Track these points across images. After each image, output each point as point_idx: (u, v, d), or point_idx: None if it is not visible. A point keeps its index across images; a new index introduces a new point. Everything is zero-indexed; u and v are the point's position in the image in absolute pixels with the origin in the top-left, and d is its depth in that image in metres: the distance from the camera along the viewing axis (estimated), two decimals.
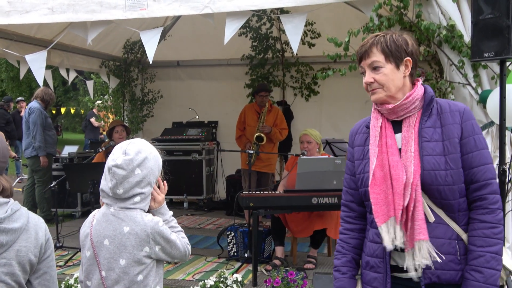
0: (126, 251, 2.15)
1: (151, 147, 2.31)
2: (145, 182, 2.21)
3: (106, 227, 2.19)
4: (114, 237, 2.17)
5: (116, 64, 9.13)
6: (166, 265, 5.58)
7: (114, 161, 2.20)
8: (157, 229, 2.19)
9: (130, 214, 2.18)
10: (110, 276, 2.17)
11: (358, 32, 4.26)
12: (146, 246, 2.16)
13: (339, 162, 5.01)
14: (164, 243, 2.21)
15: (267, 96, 7.25)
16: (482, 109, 4.02)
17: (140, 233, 2.16)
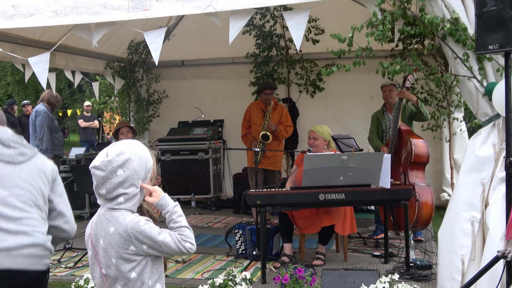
0: (113, 250, 2.20)
1: (139, 148, 2.30)
2: (128, 182, 2.23)
3: (99, 227, 2.26)
4: (105, 237, 2.23)
5: (121, 65, 9.15)
6: (174, 265, 5.60)
7: (93, 162, 2.24)
8: (138, 229, 2.20)
9: (114, 215, 2.23)
10: (109, 274, 2.24)
11: (361, 27, 4.24)
12: (131, 245, 2.20)
13: (345, 158, 5.01)
14: (149, 242, 2.21)
15: (272, 94, 7.24)
16: (488, 101, 4.00)
17: (122, 233, 2.20)
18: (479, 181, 3.91)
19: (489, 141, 3.94)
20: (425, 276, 4.91)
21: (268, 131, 6.98)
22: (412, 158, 5.89)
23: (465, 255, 3.90)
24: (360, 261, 5.59)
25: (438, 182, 8.12)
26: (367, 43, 4.24)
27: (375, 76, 5.62)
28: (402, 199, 5.21)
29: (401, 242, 5.90)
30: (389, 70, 4.35)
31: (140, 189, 2.28)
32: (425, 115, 6.24)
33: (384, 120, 6.54)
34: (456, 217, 4.03)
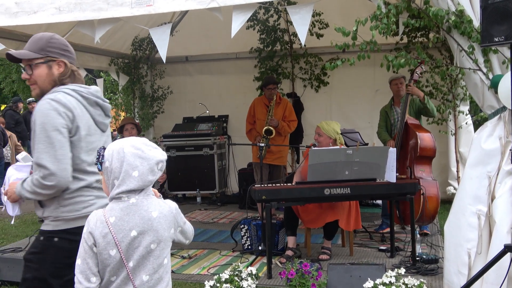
0: (157, 235, 2.23)
1: None
2: None
3: (128, 219, 2.20)
4: (142, 225, 2.21)
5: (125, 61, 9.15)
6: (180, 260, 5.60)
7: (163, 155, 2.32)
8: (178, 210, 2.35)
9: (152, 201, 2.27)
10: (138, 264, 2.21)
11: (365, 21, 4.22)
12: (172, 228, 2.30)
13: (351, 152, 4.99)
14: (182, 223, 2.36)
15: (276, 89, 7.24)
16: (494, 94, 3.97)
17: (168, 214, 2.28)
18: (485, 174, 3.89)
19: (495, 134, 3.92)
20: (431, 270, 4.89)
21: (271, 126, 6.98)
22: (418, 152, 5.87)
23: (472, 248, 3.88)
24: (366, 256, 5.58)
25: (444, 176, 8.10)
26: (372, 36, 4.22)
27: (379, 70, 5.60)
28: (407, 193, 5.19)
29: (407, 236, 5.88)
30: (394, 63, 4.33)
31: None
32: (431, 111, 6.22)
33: (392, 114, 6.53)
34: (463, 211, 4.02)
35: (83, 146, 2.69)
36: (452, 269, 4.09)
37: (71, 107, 2.63)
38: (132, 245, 2.20)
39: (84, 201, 2.69)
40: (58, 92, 2.65)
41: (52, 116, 2.55)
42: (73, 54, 2.80)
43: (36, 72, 2.71)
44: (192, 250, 5.99)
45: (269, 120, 7.05)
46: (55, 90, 2.67)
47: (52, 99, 2.60)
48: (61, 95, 2.63)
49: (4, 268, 5.03)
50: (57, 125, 2.56)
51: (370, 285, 4.12)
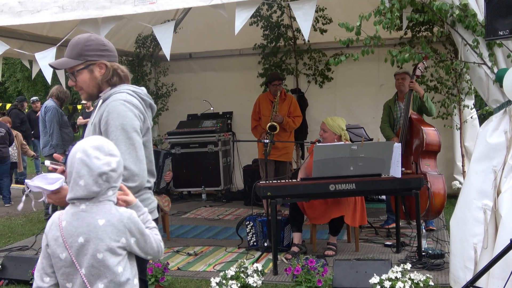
0: (103, 243, 2.13)
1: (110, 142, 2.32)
2: (119, 178, 2.23)
3: (77, 225, 2.15)
4: (89, 232, 2.13)
5: (129, 59, 9.16)
6: (186, 257, 5.62)
7: (109, 165, 2.16)
8: (133, 219, 2.19)
9: (103, 207, 2.17)
10: (91, 272, 2.14)
11: (369, 15, 4.21)
12: (122, 237, 2.16)
13: (355, 148, 4.98)
14: (139, 235, 2.20)
15: (280, 85, 7.23)
16: (499, 88, 3.96)
17: (117, 223, 2.15)
18: (490, 168, 3.88)
19: (501, 128, 3.91)
20: (437, 265, 4.89)
21: (275, 122, 6.98)
22: (424, 146, 5.86)
23: (478, 243, 3.88)
24: (371, 251, 5.58)
25: (449, 170, 8.07)
26: (375, 31, 4.20)
27: (384, 65, 5.58)
28: (413, 188, 5.18)
29: (412, 231, 5.87)
30: (398, 58, 4.31)
31: None
32: (429, 110, 6.20)
33: (396, 109, 6.51)
34: (468, 205, 4.01)
35: (149, 147, 2.77)
36: (458, 263, 4.08)
37: (142, 109, 2.68)
38: (81, 251, 2.14)
39: (149, 197, 2.77)
40: (122, 93, 2.65)
41: (130, 117, 2.57)
42: (112, 52, 2.78)
43: (80, 78, 2.71)
44: (198, 247, 6.00)
45: (274, 116, 7.04)
46: (116, 91, 2.66)
47: (125, 100, 2.60)
48: (129, 97, 2.64)
49: (11, 267, 5.06)
50: (136, 126, 2.59)
51: (376, 280, 4.13)
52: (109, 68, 2.71)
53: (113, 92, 2.66)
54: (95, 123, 2.65)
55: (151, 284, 4.50)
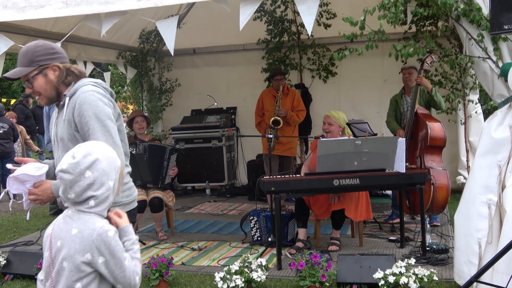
0: (69, 254, 2.06)
1: (106, 149, 2.20)
2: (98, 184, 2.10)
3: (61, 228, 2.14)
4: (64, 238, 2.09)
5: (133, 54, 9.16)
6: (190, 252, 5.63)
7: (60, 165, 2.12)
8: (104, 238, 2.05)
9: (83, 217, 2.10)
10: (56, 278, 2.10)
11: (373, 10, 4.19)
12: (88, 253, 2.04)
13: (359, 143, 4.97)
14: (108, 256, 2.05)
15: (283, 80, 7.23)
16: (504, 82, 3.94)
17: (86, 237, 2.05)
18: (495, 163, 3.86)
19: (505, 123, 3.89)
20: (441, 260, 4.88)
21: (279, 116, 6.98)
22: (428, 141, 5.84)
23: (482, 238, 3.87)
24: (376, 246, 5.57)
25: (454, 165, 8.06)
26: (380, 26, 4.19)
27: (388, 60, 5.56)
28: (417, 183, 5.17)
29: (417, 226, 5.87)
30: (402, 53, 4.29)
31: (110, 192, 2.15)
32: (438, 103, 6.18)
33: (402, 103, 6.49)
34: (473, 200, 4.00)
35: (123, 131, 2.88)
36: (462, 258, 4.08)
37: (109, 96, 2.79)
38: (56, 254, 2.12)
39: (133, 185, 2.94)
40: (87, 85, 2.75)
41: (101, 106, 2.68)
42: (62, 53, 2.85)
43: (36, 84, 2.79)
44: (202, 242, 6.01)
45: (277, 110, 7.04)
46: (80, 85, 2.75)
47: (94, 91, 2.71)
48: (95, 87, 2.74)
49: (16, 261, 5.08)
50: (108, 113, 2.69)
51: (380, 275, 4.12)
52: (62, 69, 2.79)
53: (78, 86, 2.75)
54: (69, 119, 2.72)
55: (155, 279, 4.51)
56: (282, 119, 7.00)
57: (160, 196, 6.11)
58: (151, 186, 6.20)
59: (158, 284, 4.54)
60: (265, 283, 4.50)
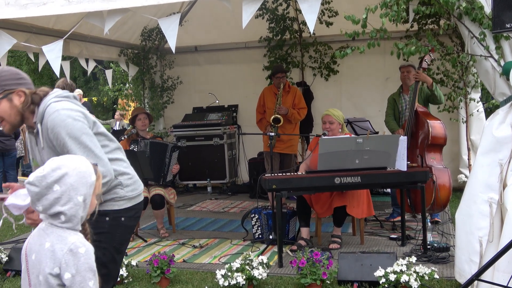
0: (41, 268, 2.05)
1: (79, 163, 2.13)
2: (65, 199, 2.05)
3: (35, 241, 2.12)
4: (38, 252, 2.08)
5: (135, 52, 9.16)
6: (192, 249, 5.64)
7: (28, 178, 2.09)
8: (75, 254, 2.01)
9: (56, 231, 2.07)
10: None
11: (375, 8, 4.18)
12: (56, 267, 2.01)
13: (361, 141, 4.97)
14: (75, 271, 2.00)
15: (284, 77, 7.23)
16: (506, 81, 3.94)
17: (57, 251, 2.02)
18: (496, 162, 3.86)
19: (507, 121, 3.89)
20: (442, 258, 4.89)
21: (279, 114, 6.99)
22: (429, 140, 5.84)
23: (483, 236, 3.87)
24: (377, 244, 5.58)
25: (455, 164, 8.05)
26: (382, 24, 4.18)
27: (390, 58, 5.56)
28: (418, 181, 5.18)
29: (418, 225, 5.87)
30: (404, 51, 4.29)
31: (82, 206, 2.09)
32: (439, 98, 6.18)
33: (401, 102, 6.49)
34: (474, 199, 4.00)
35: (104, 134, 2.86)
36: (463, 257, 4.08)
37: (76, 106, 2.72)
38: (32, 267, 2.10)
39: (138, 179, 2.98)
40: (50, 105, 2.65)
41: (71, 123, 2.62)
42: (27, 80, 2.79)
43: (0, 109, 2.71)
44: (203, 239, 6.02)
45: (277, 108, 7.05)
46: (45, 108, 2.66)
47: (58, 109, 2.64)
48: (59, 104, 2.66)
49: (18, 258, 5.09)
50: (80, 128, 2.64)
51: (381, 273, 4.13)
52: (28, 95, 2.72)
53: (43, 110, 2.68)
54: (48, 144, 2.69)
55: (156, 276, 4.53)
56: (282, 117, 7.00)
57: (161, 193, 6.12)
58: (152, 183, 6.21)
59: (160, 281, 4.55)
60: (266, 281, 4.51)
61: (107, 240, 2.82)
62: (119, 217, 2.85)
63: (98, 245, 2.80)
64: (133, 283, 4.68)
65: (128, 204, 2.89)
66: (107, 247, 2.83)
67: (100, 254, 2.81)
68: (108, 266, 2.88)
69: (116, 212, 2.84)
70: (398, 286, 4.12)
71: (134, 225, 3.01)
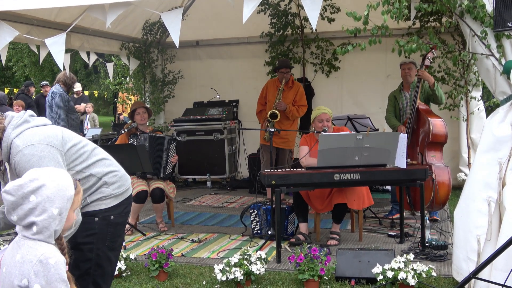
0: (11, 280, 2.00)
1: (57, 176, 2.12)
2: (39, 209, 2.02)
3: (8, 254, 2.09)
4: (8, 265, 2.04)
5: (136, 45, 9.15)
6: (190, 244, 5.65)
7: (5, 187, 2.07)
8: (45, 264, 1.97)
9: (28, 243, 2.04)
10: None
11: (377, 5, 4.18)
12: (25, 278, 1.96)
13: (361, 138, 4.98)
14: (44, 284, 1.96)
15: (288, 73, 7.23)
16: (506, 80, 3.93)
17: (26, 262, 1.98)
18: (496, 160, 3.86)
19: (507, 120, 3.89)
20: (440, 256, 4.90)
21: (278, 109, 7.01)
22: (430, 138, 5.84)
23: (481, 235, 3.88)
24: (375, 241, 5.59)
25: (455, 162, 8.06)
26: (383, 21, 4.18)
27: (391, 55, 5.55)
28: (418, 179, 5.18)
29: (416, 222, 5.88)
30: (405, 48, 4.29)
31: (57, 219, 2.06)
32: (439, 98, 6.17)
33: (401, 99, 6.48)
34: (473, 197, 4.01)
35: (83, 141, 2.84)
36: (461, 255, 4.09)
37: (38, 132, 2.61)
38: (2, 280, 2.06)
39: (125, 174, 2.96)
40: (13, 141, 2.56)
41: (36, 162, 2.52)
42: None
43: None
44: (202, 234, 6.03)
45: (277, 103, 7.07)
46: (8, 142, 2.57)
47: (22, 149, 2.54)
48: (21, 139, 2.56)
49: None
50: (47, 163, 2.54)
51: (378, 270, 4.14)
52: None
53: (6, 149, 2.59)
54: None
55: (155, 270, 4.54)
56: (280, 112, 7.02)
57: (161, 187, 6.13)
58: (151, 177, 6.22)
59: (158, 275, 4.56)
60: (264, 276, 4.52)
61: (99, 241, 2.82)
62: (108, 216, 2.84)
63: (90, 247, 2.78)
64: (131, 276, 4.70)
65: (116, 201, 2.88)
66: (100, 247, 2.83)
67: (94, 255, 2.81)
68: (103, 265, 2.88)
69: (104, 211, 2.83)
70: (395, 283, 4.13)
71: (125, 220, 3.00)
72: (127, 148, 5.79)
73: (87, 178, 2.78)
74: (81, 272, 2.78)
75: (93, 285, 2.87)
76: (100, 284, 2.91)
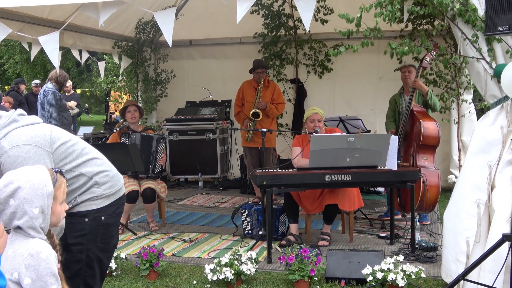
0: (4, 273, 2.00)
1: (32, 175, 2.10)
2: (20, 212, 2.04)
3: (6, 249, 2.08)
4: (4, 260, 2.04)
5: (129, 44, 9.13)
6: (181, 244, 5.65)
7: None
8: (36, 258, 1.99)
9: (20, 238, 2.07)
10: None
11: (370, 7, 4.20)
12: (16, 272, 1.98)
13: (352, 139, 4.99)
14: (35, 278, 1.96)
15: (264, 73, 7.28)
16: (497, 83, 3.96)
17: (18, 256, 2.00)
18: (486, 163, 3.90)
19: (497, 124, 3.92)
20: (430, 258, 4.92)
21: (258, 108, 7.05)
22: (421, 140, 5.86)
23: (470, 237, 3.91)
24: (365, 242, 5.61)
25: (446, 164, 8.10)
26: (376, 23, 4.20)
27: (383, 57, 5.57)
28: (408, 181, 5.21)
29: (407, 224, 5.91)
30: (397, 51, 4.31)
31: (40, 217, 2.07)
32: (433, 106, 6.23)
33: (401, 102, 6.51)
34: (462, 199, 4.03)
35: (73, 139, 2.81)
36: (450, 256, 4.12)
37: (24, 133, 2.60)
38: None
39: (117, 174, 2.93)
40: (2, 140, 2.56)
41: (20, 163, 2.50)
42: None
43: None
44: (193, 233, 6.03)
45: (257, 103, 7.12)
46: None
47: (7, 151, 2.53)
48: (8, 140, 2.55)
49: None
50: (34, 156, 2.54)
51: (368, 271, 4.16)
52: None
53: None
54: None
55: (145, 269, 4.53)
56: (261, 111, 7.07)
57: (153, 187, 6.12)
58: (142, 176, 6.21)
59: (148, 274, 4.56)
60: (254, 276, 4.53)
61: (89, 241, 2.79)
62: (98, 217, 2.80)
63: (80, 248, 2.76)
64: (121, 275, 4.69)
65: (107, 201, 2.84)
66: (90, 248, 2.80)
67: (84, 256, 2.78)
68: (94, 267, 2.85)
69: (95, 211, 2.79)
70: (385, 284, 4.15)
71: (117, 221, 2.96)
72: (119, 147, 5.79)
73: (77, 177, 2.75)
74: (72, 273, 2.75)
75: (84, 286, 2.85)
76: (92, 285, 2.88)
